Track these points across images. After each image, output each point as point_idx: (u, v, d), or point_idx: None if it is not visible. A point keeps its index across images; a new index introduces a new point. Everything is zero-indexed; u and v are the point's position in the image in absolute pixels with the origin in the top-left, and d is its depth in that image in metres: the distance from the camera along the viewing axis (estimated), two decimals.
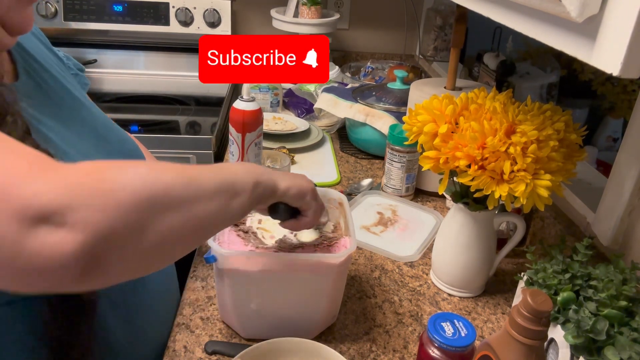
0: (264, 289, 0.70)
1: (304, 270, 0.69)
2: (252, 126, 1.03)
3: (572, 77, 1.28)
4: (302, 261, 0.68)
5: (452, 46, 1.02)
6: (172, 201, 0.43)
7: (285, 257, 0.68)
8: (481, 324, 0.80)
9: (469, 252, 0.81)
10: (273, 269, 0.68)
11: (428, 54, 1.89)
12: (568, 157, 0.70)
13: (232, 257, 0.68)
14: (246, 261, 0.68)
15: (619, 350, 0.53)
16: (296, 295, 0.71)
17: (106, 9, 1.73)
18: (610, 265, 0.62)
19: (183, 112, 1.54)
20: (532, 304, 0.48)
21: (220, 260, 0.67)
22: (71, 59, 0.83)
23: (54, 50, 0.78)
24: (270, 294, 0.70)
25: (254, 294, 0.70)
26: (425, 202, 1.14)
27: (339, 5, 1.94)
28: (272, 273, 0.69)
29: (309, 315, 0.72)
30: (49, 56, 0.73)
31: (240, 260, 0.68)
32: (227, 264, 0.67)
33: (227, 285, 0.70)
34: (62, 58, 0.79)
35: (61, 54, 0.80)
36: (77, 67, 0.84)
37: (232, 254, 0.68)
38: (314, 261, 0.68)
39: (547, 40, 0.45)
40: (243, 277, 0.69)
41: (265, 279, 0.69)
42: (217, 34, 1.80)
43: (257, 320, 0.72)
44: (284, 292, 0.70)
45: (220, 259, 0.67)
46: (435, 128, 0.74)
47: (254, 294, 0.70)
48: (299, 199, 0.63)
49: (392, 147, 1.09)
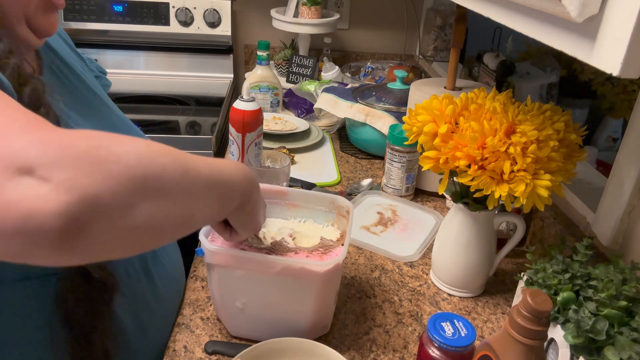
0: (249, 288, 0.69)
1: (287, 275, 0.66)
2: (252, 126, 1.03)
3: (572, 77, 1.28)
4: (286, 265, 0.66)
5: (452, 46, 1.02)
6: (165, 186, 0.42)
7: (270, 260, 0.66)
8: (481, 324, 0.80)
9: (468, 252, 0.81)
10: (256, 270, 0.67)
11: (428, 54, 1.89)
12: (568, 157, 0.70)
13: (218, 254, 0.67)
14: (231, 259, 0.67)
15: (618, 350, 0.53)
16: (280, 299, 0.69)
17: (106, 9, 1.74)
18: (610, 265, 0.62)
19: (183, 112, 1.54)
20: (532, 304, 0.48)
21: (207, 255, 0.67)
22: (94, 62, 0.88)
23: (77, 51, 0.82)
24: (254, 294, 0.69)
25: (240, 292, 0.69)
26: (425, 202, 1.14)
27: (339, 5, 1.94)
28: (256, 274, 0.67)
29: (294, 322, 0.71)
30: (72, 56, 0.78)
31: (226, 258, 0.67)
32: (214, 260, 0.67)
33: (214, 281, 0.70)
34: (85, 60, 0.84)
35: (85, 57, 0.85)
36: (100, 70, 0.88)
37: (218, 250, 0.67)
38: (298, 267, 0.66)
39: (547, 40, 0.45)
40: (228, 274, 0.68)
41: (249, 279, 0.68)
42: (217, 33, 1.80)
43: (243, 319, 0.71)
44: (268, 294, 0.69)
45: (207, 253, 0.67)
46: (435, 128, 0.74)
47: (239, 293, 0.69)
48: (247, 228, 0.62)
49: (392, 147, 1.09)
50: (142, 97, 1.65)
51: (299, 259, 0.69)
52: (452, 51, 1.01)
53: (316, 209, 0.81)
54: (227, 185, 0.51)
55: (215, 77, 1.86)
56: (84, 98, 0.72)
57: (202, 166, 0.47)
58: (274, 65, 1.83)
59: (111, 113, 0.77)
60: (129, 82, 1.76)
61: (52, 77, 0.69)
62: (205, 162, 0.49)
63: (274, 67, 1.82)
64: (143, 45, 1.82)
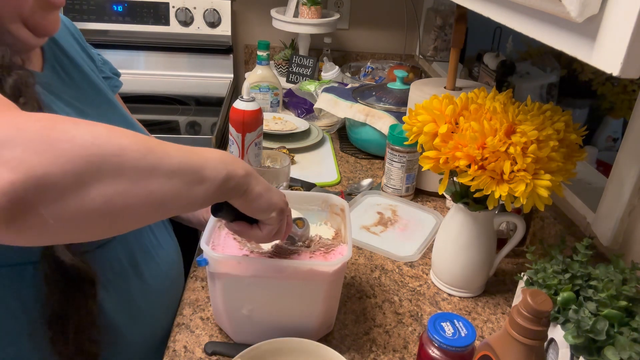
0: (256, 294, 0.68)
1: (296, 278, 0.66)
2: (252, 126, 1.03)
3: (572, 77, 1.28)
4: (295, 268, 0.66)
5: (452, 46, 1.02)
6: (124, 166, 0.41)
7: (278, 264, 0.66)
8: (481, 324, 0.80)
9: (468, 252, 0.81)
10: (265, 275, 0.66)
11: (428, 54, 1.89)
12: (568, 157, 0.70)
13: (223, 261, 0.66)
14: (237, 266, 0.66)
15: (619, 350, 0.53)
16: (288, 302, 0.69)
17: (106, 9, 1.74)
18: (610, 265, 0.62)
19: (183, 112, 1.54)
20: (532, 304, 0.48)
21: (212, 263, 0.66)
22: (108, 64, 0.88)
23: (89, 51, 0.82)
24: (261, 300, 0.68)
25: (246, 299, 0.68)
26: (425, 202, 1.13)
27: (339, 5, 1.94)
28: (264, 279, 0.67)
29: (302, 324, 0.70)
30: (82, 55, 0.78)
31: (232, 265, 0.66)
32: (218, 268, 0.66)
33: (219, 290, 0.69)
34: (97, 61, 0.84)
35: (98, 58, 0.85)
36: (112, 72, 0.88)
37: (223, 258, 0.66)
38: (306, 269, 0.66)
39: (547, 40, 0.45)
40: (234, 282, 0.67)
41: (256, 285, 0.67)
42: (217, 33, 1.80)
43: (249, 326, 0.71)
44: (276, 299, 0.68)
45: (211, 262, 0.66)
46: (435, 128, 0.74)
47: (245, 300, 0.68)
48: (262, 212, 0.58)
49: (392, 147, 1.09)
50: (142, 97, 1.65)
51: (304, 260, 0.69)
52: (452, 51, 1.01)
53: (309, 208, 0.82)
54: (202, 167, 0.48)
55: (215, 77, 1.86)
56: (86, 96, 0.72)
57: (174, 149, 0.46)
58: (274, 65, 1.83)
59: (114, 113, 0.77)
60: (129, 82, 1.74)
61: (53, 74, 0.69)
62: (180, 148, 0.47)
63: (274, 67, 1.82)
64: (143, 45, 1.82)
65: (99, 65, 0.85)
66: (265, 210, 0.58)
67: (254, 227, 0.61)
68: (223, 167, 0.50)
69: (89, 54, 0.83)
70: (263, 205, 0.57)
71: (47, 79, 0.66)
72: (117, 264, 0.70)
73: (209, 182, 0.49)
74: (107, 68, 0.87)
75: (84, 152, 0.38)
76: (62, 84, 0.69)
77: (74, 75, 0.72)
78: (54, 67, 0.70)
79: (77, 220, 0.39)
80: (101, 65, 0.86)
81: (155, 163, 0.43)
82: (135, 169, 0.41)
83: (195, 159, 0.48)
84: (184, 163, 0.46)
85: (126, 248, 0.72)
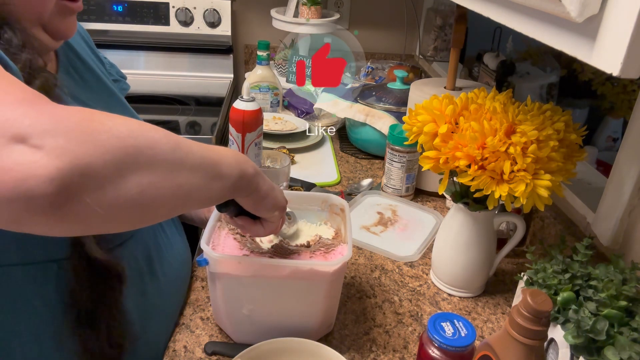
0: (256, 294, 0.68)
1: (296, 278, 0.66)
2: (252, 126, 1.03)
3: (572, 77, 1.28)
4: (295, 268, 0.66)
5: (452, 46, 1.02)
6: (156, 159, 0.42)
7: (278, 264, 0.66)
8: (481, 324, 0.80)
9: (468, 252, 0.81)
10: (265, 275, 0.66)
11: (428, 54, 1.89)
12: (568, 157, 0.70)
13: (223, 261, 0.66)
14: (238, 266, 0.66)
15: (619, 350, 0.53)
16: (289, 302, 0.69)
17: (106, 9, 1.73)
18: (610, 265, 0.62)
19: (183, 112, 1.54)
20: (532, 304, 0.48)
21: (212, 263, 0.66)
22: (114, 67, 0.90)
23: (98, 54, 0.85)
24: (262, 300, 0.68)
25: (246, 299, 0.68)
26: (425, 202, 1.13)
27: (339, 5, 1.93)
28: (264, 279, 0.67)
29: (303, 323, 0.70)
30: (92, 57, 0.80)
31: (232, 265, 0.66)
32: (219, 268, 0.66)
33: (219, 290, 0.69)
34: (105, 64, 0.86)
35: (106, 61, 0.87)
36: (119, 75, 0.90)
37: (223, 258, 0.66)
38: (306, 269, 0.66)
39: (547, 40, 0.45)
40: (234, 281, 0.67)
41: (257, 285, 0.67)
42: (217, 33, 1.80)
43: (249, 326, 0.71)
44: (276, 299, 0.68)
45: (211, 262, 0.66)
46: (435, 128, 0.74)
47: (245, 299, 0.68)
48: (267, 210, 0.61)
49: (392, 147, 1.09)
50: (142, 97, 1.64)
51: (305, 260, 0.69)
52: (452, 51, 1.01)
53: (309, 208, 0.82)
54: (219, 164, 0.50)
55: (215, 77, 1.85)
56: (100, 98, 0.74)
57: (195, 145, 0.48)
58: (274, 65, 1.82)
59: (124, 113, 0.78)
60: (128, 82, 1.75)
61: (68, 77, 0.70)
62: (199, 145, 0.49)
63: (274, 67, 1.82)
64: (143, 45, 1.81)
65: (108, 68, 0.86)
66: (270, 209, 0.61)
67: (257, 223, 0.63)
68: (237, 165, 0.53)
69: (98, 57, 0.84)
70: (268, 205, 0.60)
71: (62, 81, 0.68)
72: (133, 262, 0.70)
73: (225, 179, 0.51)
74: (114, 71, 0.89)
75: (122, 143, 0.40)
76: (76, 86, 0.70)
77: (87, 78, 0.73)
78: (67, 70, 0.71)
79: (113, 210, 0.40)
80: (109, 68, 0.87)
81: (183, 157, 0.45)
82: (166, 162, 0.43)
83: (213, 155, 0.50)
84: (205, 158, 0.48)
85: (142, 246, 0.72)
